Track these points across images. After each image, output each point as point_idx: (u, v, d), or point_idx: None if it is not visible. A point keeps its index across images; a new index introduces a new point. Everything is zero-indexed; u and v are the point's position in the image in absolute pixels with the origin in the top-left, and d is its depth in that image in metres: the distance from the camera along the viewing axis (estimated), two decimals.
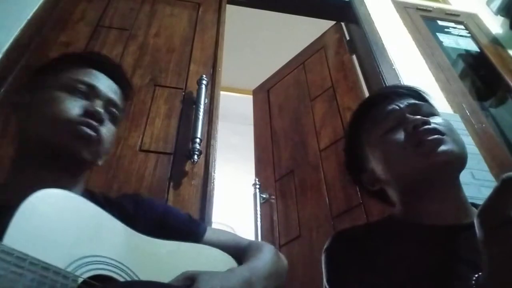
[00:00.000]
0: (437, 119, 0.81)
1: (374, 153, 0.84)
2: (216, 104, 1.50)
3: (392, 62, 1.80)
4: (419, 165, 0.75)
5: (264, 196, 2.01)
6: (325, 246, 0.80)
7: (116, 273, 0.63)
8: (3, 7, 1.48)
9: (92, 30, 1.61)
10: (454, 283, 0.62)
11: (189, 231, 0.85)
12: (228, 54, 1.83)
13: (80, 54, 0.99)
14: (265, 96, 2.46)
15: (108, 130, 0.82)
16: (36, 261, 0.52)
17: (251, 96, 2.63)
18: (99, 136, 0.79)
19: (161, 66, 1.56)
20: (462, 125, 1.61)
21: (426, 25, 2.17)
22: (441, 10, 2.36)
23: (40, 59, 1.44)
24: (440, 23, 2.25)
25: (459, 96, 1.76)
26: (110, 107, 0.84)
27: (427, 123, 0.78)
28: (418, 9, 2.29)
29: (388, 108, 0.83)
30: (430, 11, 2.31)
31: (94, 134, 0.78)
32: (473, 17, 2.35)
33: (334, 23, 2.33)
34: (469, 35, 2.21)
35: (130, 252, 0.68)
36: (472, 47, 2.13)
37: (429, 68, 1.87)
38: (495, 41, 2.17)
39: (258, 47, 3.09)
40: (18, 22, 1.45)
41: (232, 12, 2.05)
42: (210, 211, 1.21)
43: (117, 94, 0.87)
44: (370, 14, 2.10)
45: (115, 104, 0.86)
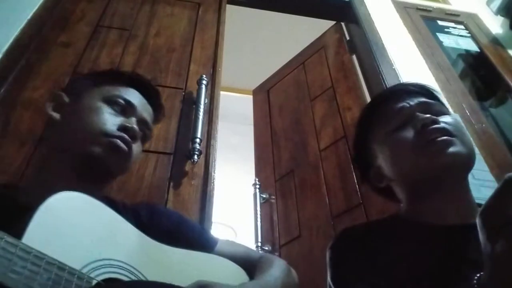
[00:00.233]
0: (447, 119, 0.80)
1: (382, 149, 0.84)
2: (216, 104, 1.50)
3: (392, 62, 1.80)
4: (426, 164, 0.75)
5: (264, 196, 2.01)
6: (330, 244, 0.80)
7: (129, 277, 0.64)
8: (3, 7, 1.48)
9: (92, 30, 1.61)
10: (457, 283, 0.62)
11: (200, 242, 0.86)
12: (228, 54, 1.83)
13: (125, 73, 1.05)
14: (265, 96, 2.46)
15: (137, 147, 0.86)
16: (53, 260, 0.54)
17: (251, 96, 2.63)
18: (130, 151, 0.82)
19: (161, 66, 1.56)
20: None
21: (426, 25, 2.17)
22: (441, 10, 2.35)
23: (40, 59, 1.44)
24: (440, 23, 2.24)
25: (459, 96, 1.76)
26: (143, 126, 0.89)
27: (436, 122, 0.77)
28: (418, 9, 2.29)
29: (398, 106, 0.83)
30: (430, 11, 2.30)
31: (126, 149, 0.81)
32: (473, 17, 2.35)
33: (334, 23, 2.33)
34: (469, 35, 2.21)
35: (143, 258, 0.69)
36: (472, 47, 2.13)
37: (429, 68, 1.86)
38: (495, 41, 2.17)
39: (258, 47, 3.09)
40: (18, 22, 1.45)
41: (232, 12, 2.04)
42: (210, 211, 1.21)
43: (150, 116, 0.93)
44: (370, 14, 2.10)
45: (147, 124, 0.91)
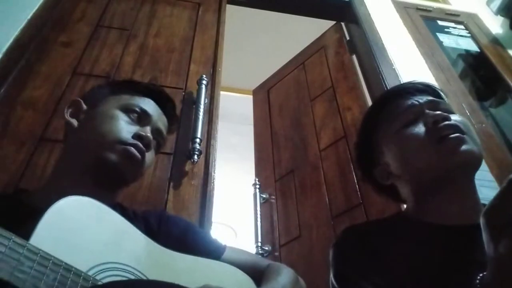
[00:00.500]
0: (456, 117, 0.80)
1: (390, 146, 0.83)
2: (216, 104, 1.50)
3: (392, 62, 1.80)
4: (439, 162, 0.75)
5: (264, 196, 2.01)
6: (334, 241, 0.80)
7: None
8: (3, 7, 1.47)
9: (92, 30, 1.61)
10: (460, 283, 0.62)
11: (208, 249, 0.86)
12: (228, 54, 1.83)
13: (142, 83, 1.07)
14: (265, 96, 2.46)
15: (150, 155, 0.87)
16: (59, 261, 0.54)
17: (251, 96, 2.63)
18: (144, 159, 0.84)
19: (161, 66, 1.56)
20: None
21: (426, 25, 2.17)
22: (441, 10, 2.35)
23: (40, 59, 1.44)
24: (440, 23, 2.25)
25: (459, 96, 1.76)
26: (157, 135, 0.90)
27: (448, 119, 0.77)
28: (418, 9, 2.29)
29: (407, 103, 0.83)
30: (430, 11, 2.30)
31: (140, 157, 0.82)
32: (473, 17, 2.35)
33: (334, 23, 2.33)
34: (469, 35, 2.21)
35: (150, 263, 0.69)
36: (472, 47, 2.13)
37: (429, 68, 1.86)
38: (495, 41, 2.17)
39: (258, 47, 3.08)
40: (18, 22, 1.44)
41: (232, 12, 2.04)
42: (210, 211, 1.21)
43: (165, 126, 0.94)
44: (370, 14, 2.10)
45: (161, 134, 0.92)
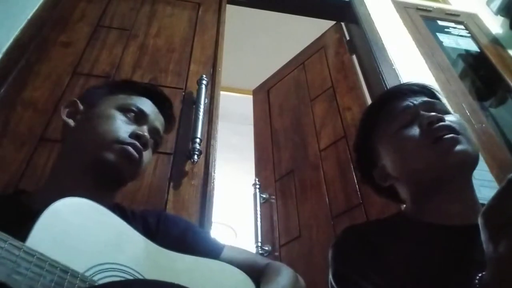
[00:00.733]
0: (451, 117, 0.80)
1: (387, 148, 0.84)
2: (216, 104, 1.50)
3: (392, 62, 1.80)
4: (434, 163, 0.75)
5: (264, 196, 2.01)
6: (333, 241, 0.80)
7: None
8: (3, 7, 1.47)
9: (92, 30, 1.61)
10: (460, 283, 0.62)
11: (207, 248, 0.86)
12: (228, 54, 1.83)
13: (140, 83, 1.08)
14: (265, 96, 2.46)
15: (148, 155, 0.88)
16: (55, 263, 0.54)
17: (251, 96, 2.63)
18: (141, 159, 0.84)
19: (161, 66, 1.56)
20: None
21: (426, 25, 2.17)
22: (441, 10, 2.35)
23: (40, 59, 1.44)
24: (440, 23, 2.24)
25: (459, 96, 1.76)
26: (154, 135, 0.91)
27: (442, 120, 0.78)
28: (418, 9, 2.29)
29: (402, 105, 0.83)
30: (430, 11, 2.30)
31: (137, 156, 0.82)
32: (473, 17, 2.35)
33: (334, 23, 2.33)
34: (469, 35, 2.21)
35: (148, 263, 0.69)
36: (472, 47, 2.13)
37: (429, 68, 1.86)
38: (495, 41, 2.17)
39: (258, 47, 3.08)
40: (18, 22, 1.44)
41: (232, 12, 2.04)
42: (210, 211, 1.21)
43: (162, 125, 0.95)
44: (370, 14, 2.10)
45: (159, 133, 0.93)
